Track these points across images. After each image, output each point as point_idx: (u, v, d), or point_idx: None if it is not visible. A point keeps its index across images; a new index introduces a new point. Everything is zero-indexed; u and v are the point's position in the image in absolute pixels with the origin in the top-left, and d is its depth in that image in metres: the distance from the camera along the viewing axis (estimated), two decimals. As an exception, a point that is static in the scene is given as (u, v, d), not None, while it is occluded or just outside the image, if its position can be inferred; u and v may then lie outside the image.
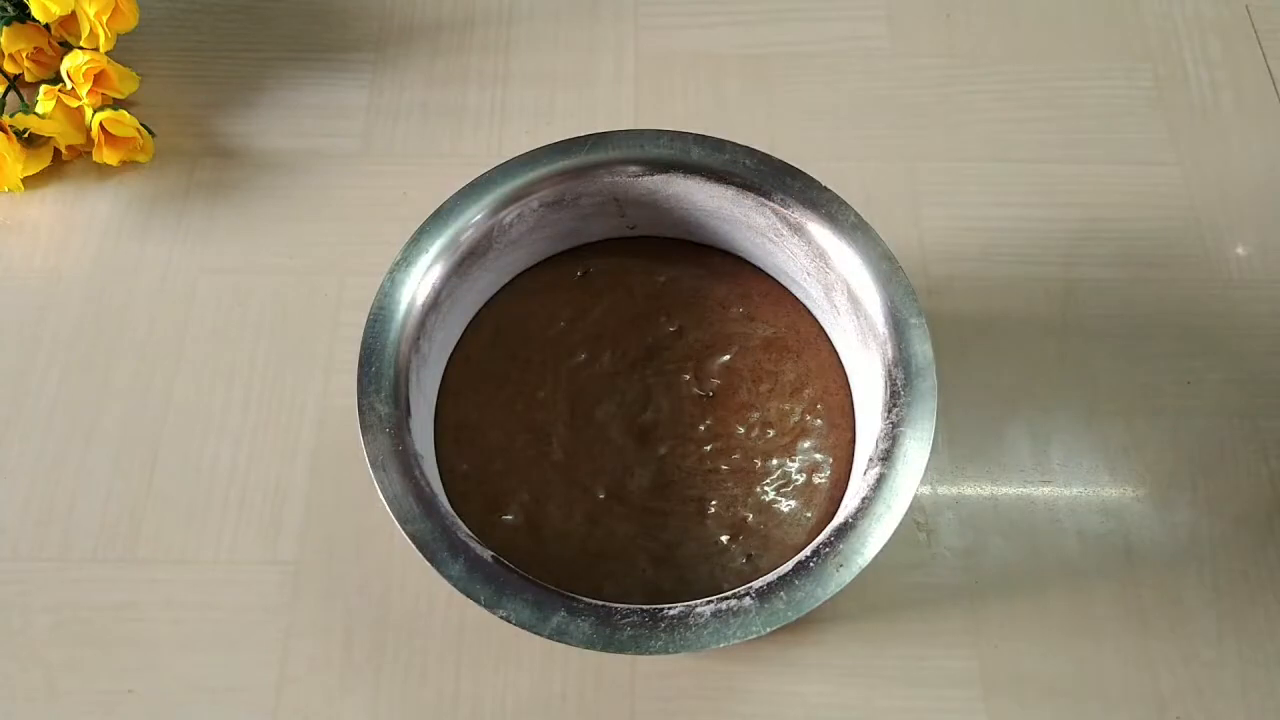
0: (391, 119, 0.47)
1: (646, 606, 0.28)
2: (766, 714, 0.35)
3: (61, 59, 0.44)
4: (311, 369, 0.41)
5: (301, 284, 0.43)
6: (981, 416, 0.40)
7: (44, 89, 0.43)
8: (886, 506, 0.29)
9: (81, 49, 0.44)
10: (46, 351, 0.42)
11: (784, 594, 0.28)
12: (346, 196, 0.45)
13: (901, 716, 0.35)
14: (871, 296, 0.32)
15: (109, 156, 0.44)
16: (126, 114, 0.44)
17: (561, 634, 0.27)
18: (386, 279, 0.32)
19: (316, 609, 0.37)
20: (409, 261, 0.32)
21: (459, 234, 0.33)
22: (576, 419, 0.35)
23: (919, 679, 0.36)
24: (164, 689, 0.36)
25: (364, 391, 0.30)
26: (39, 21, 0.43)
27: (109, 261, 0.44)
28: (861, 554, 0.28)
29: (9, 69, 0.46)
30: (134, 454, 0.39)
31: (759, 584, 0.28)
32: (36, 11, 0.42)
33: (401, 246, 0.33)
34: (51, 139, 0.44)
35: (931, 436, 0.30)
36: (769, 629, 0.27)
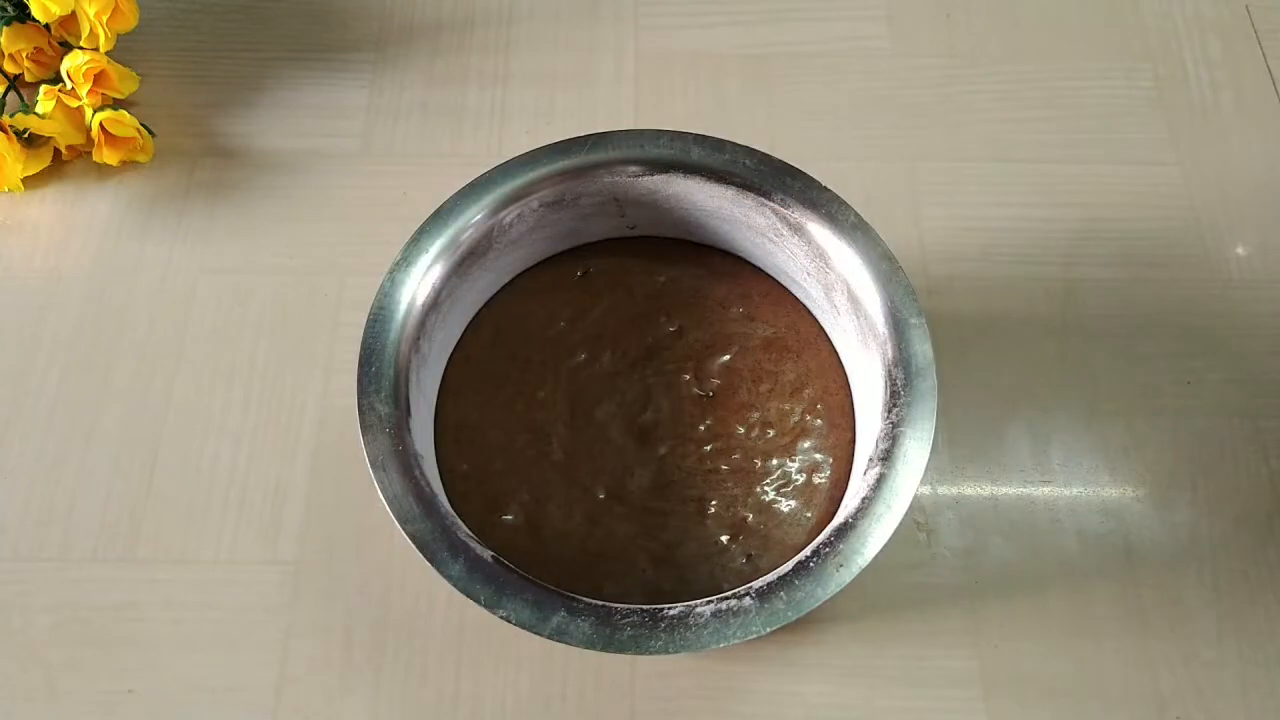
0: (391, 119, 0.47)
1: (646, 606, 0.28)
2: (766, 714, 0.35)
3: (61, 59, 0.44)
4: (311, 369, 0.41)
5: (301, 284, 0.43)
6: (981, 416, 0.40)
7: (44, 89, 0.43)
8: (886, 506, 0.29)
9: (81, 49, 0.44)
10: (46, 351, 0.42)
11: (784, 594, 0.28)
12: (346, 196, 0.45)
13: (901, 716, 0.35)
14: (871, 296, 0.32)
15: (109, 156, 0.44)
16: (126, 114, 0.44)
17: (561, 634, 0.27)
18: (386, 279, 0.32)
19: (316, 609, 0.37)
20: (409, 261, 0.32)
21: (459, 234, 0.33)
22: (576, 419, 0.35)
23: (919, 679, 0.36)
24: (164, 689, 0.36)
25: (364, 391, 0.30)
26: (39, 21, 0.43)
27: (109, 261, 0.44)
28: (861, 554, 0.28)
29: (9, 69, 0.46)
30: (134, 454, 0.39)
31: (759, 584, 0.28)
32: (36, 11, 0.42)
33: (401, 246, 0.33)
34: (51, 139, 0.44)
35: (931, 436, 0.30)
36: (769, 629, 0.27)
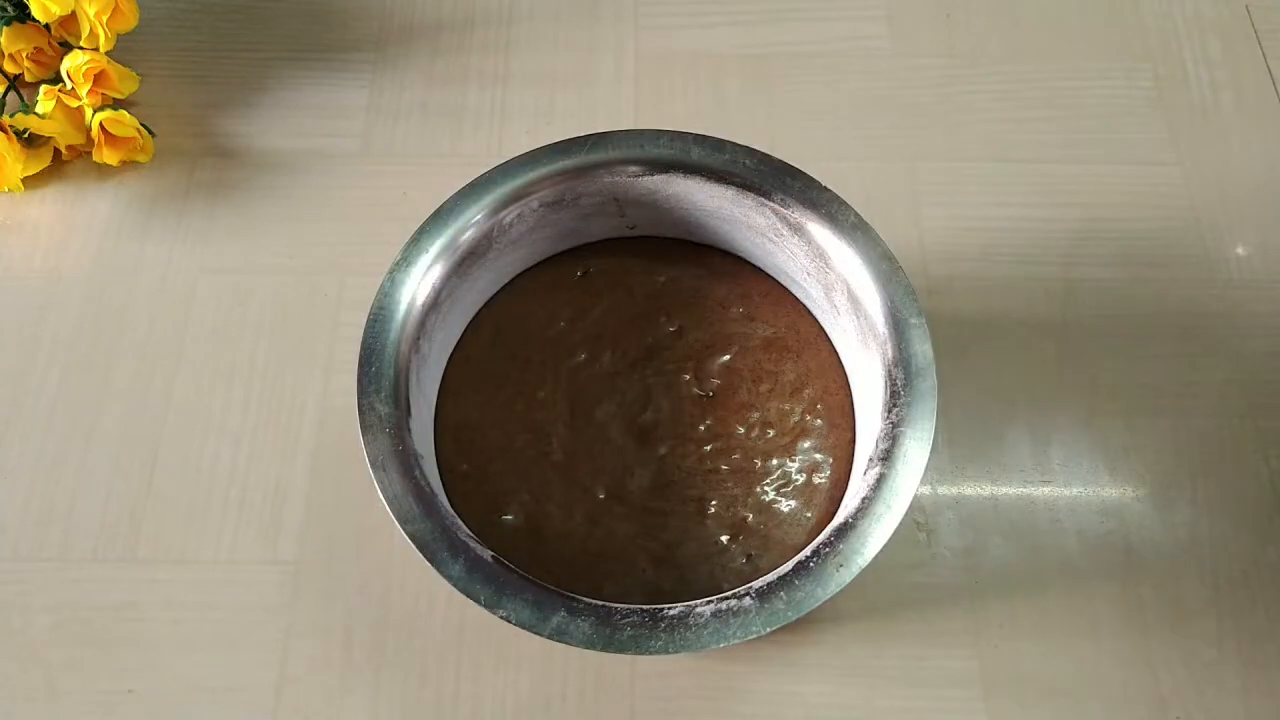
0: (391, 119, 0.47)
1: (646, 606, 0.28)
2: (766, 714, 0.35)
3: (61, 59, 0.44)
4: (311, 369, 0.41)
5: (301, 284, 0.43)
6: (981, 416, 0.40)
7: (44, 89, 0.43)
8: (886, 506, 0.29)
9: (81, 49, 0.44)
10: (46, 351, 0.42)
11: (784, 594, 0.28)
12: (346, 196, 0.45)
13: (901, 716, 0.35)
14: (871, 296, 0.32)
15: (109, 156, 0.44)
16: (126, 114, 0.44)
17: (561, 634, 0.27)
18: (386, 279, 0.32)
19: (316, 609, 0.37)
20: (409, 261, 0.32)
21: (459, 234, 0.33)
22: (576, 419, 0.35)
23: (919, 679, 0.36)
24: (164, 689, 0.36)
25: (364, 391, 0.30)
26: (39, 21, 0.43)
27: (109, 261, 0.44)
28: (861, 554, 0.28)
29: (9, 69, 0.46)
30: (134, 454, 0.39)
31: (759, 584, 0.28)
32: (36, 11, 0.42)
33: (401, 246, 0.33)
34: (51, 139, 0.44)
35: (931, 436, 0.30)
36: (769, 629, 0.27)
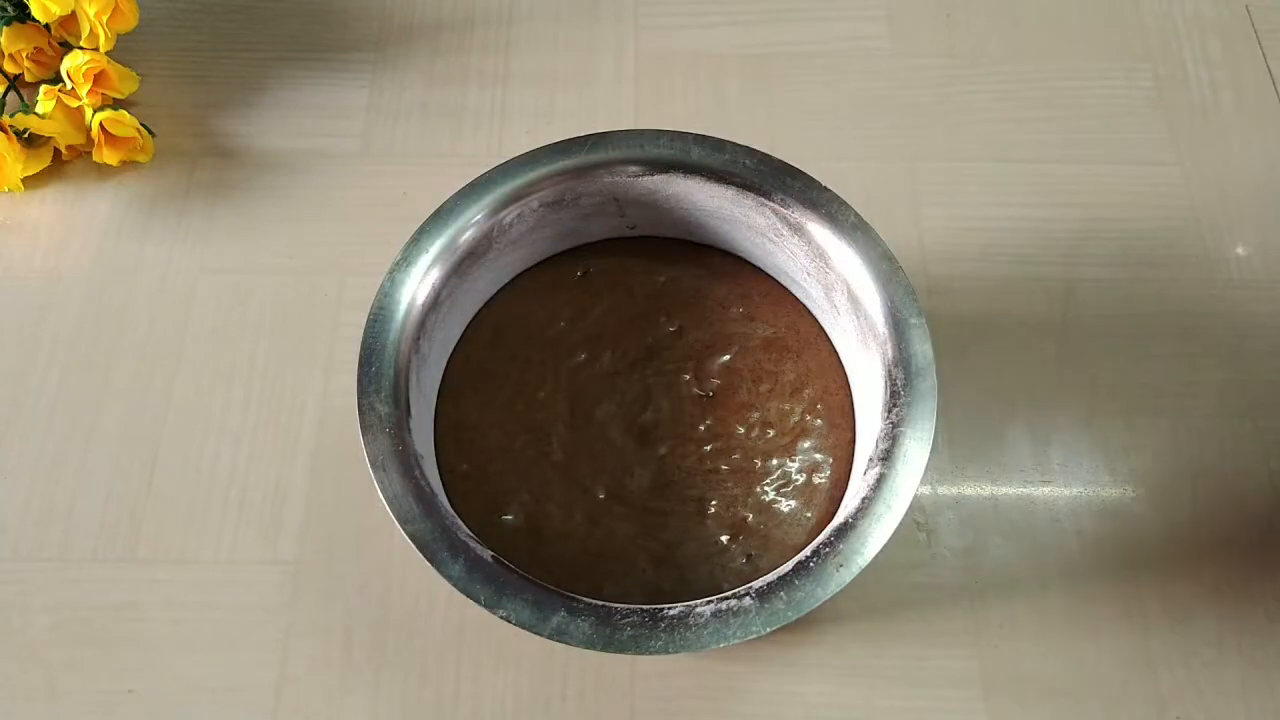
0: (391, 119, 0.47)
1: (646, 606, 0.28)
2: (766, 714, 0.35)
3: (61, 59, 0.44)
4: (311, 369, 0.41)
5: (301, 284, 0.43)
6: (981, 416, 0.40)
7: (44, 89, 0.43)
8: (886, 506, 0.29)
9: (81, 49, 0.44)
10: (46, 351, 0.42)
11: (784, 594, 0.28)
12: (346, 196, 0.45)
13: (901, 716, 0.35)
14: (871, 296, 0.32)
15: (109, 156, 0.44)
16: (126, 114, 0.44)
17: (561, 634, 0.27)
18: (386, 279, 0.32)
19: (316, 609, 0.37)
20: (409, 261, 0.32)
21: (459, 234, 0.33)
22: (576, 419, 0.35)
23: (919, 679, 0.36)
24: (164, 689, 0.36)
25: (364, 391, 0.30)
26: (39, 21, 0.43)
27: (109, 261, 0.44)
28: (861, 554, 0.28)
29: (9, 69, 0.46)
30: (134, 454, 0.39)
31: (759, 584, 0.28)
32: (36, 11, 0.42)
33: (401, 246, 0.33)
34: (51, 139, 0.44)
35: (931, 436, 0.30)
36: (769, 629, 0.27)
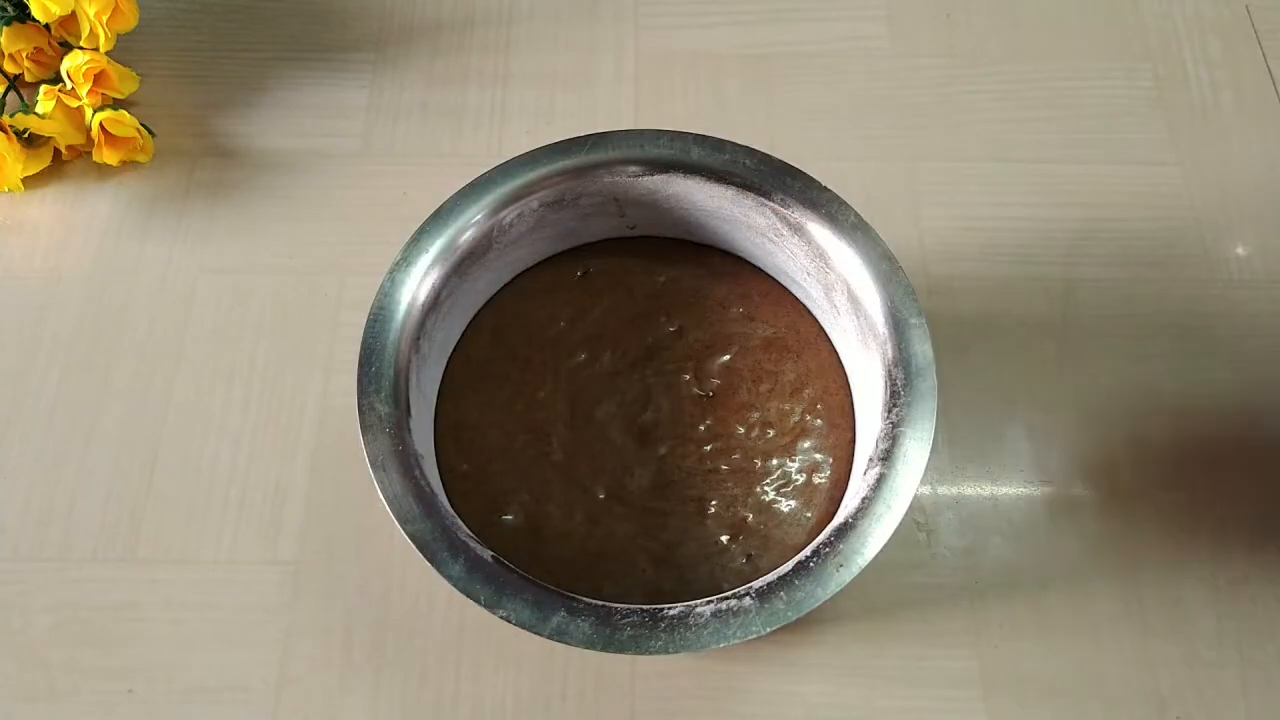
0: (391, 119, 0.47)
1: (646, 606, 0.28)
2: (766, 714, 0.35)
3: (61, 59, 0.44)
4: (311, 369, 0.41)
5: (301, 284, 0.43)
6: (981, 416, 0.40)
7: (44, 89, 0.43)
8: (886, 506, 0.29)
9: (81, 49, 0.44)
10: (46, 351, 0.42)
11: (784, 594, 0.28)
12: (346, 196, 0.45)
13: (901, 716, 0.35)
14: (871, 296, 0.32)
15: (109, 156, 0.44)
16: (126, 114, 0.44)
17: (561, 634, 0.27)
18: (386, 279, 0.32)
19: (316, 609, 0.37)
20: (409, 261, 0.32)
21: (459, 234, 0.33)
22: (576, 419, 0.35)
23: (919, 679, 0.36)
24: (164, 689, 0.36)
25: (364, 391, 0.30)
26: (39, 21, 0.43)
27: (109, 261, 0.44)
28: (861, 554, 0.28)
29: (9, 69, 0.46)
30: (134, 454, 0.39)
31: (759, 584, 0.28)
32: (36, 11, 0.42)
33: (401, 246, 0.33)
34: (51, 139, 0.44)
35: (931, 436, 0.30)
36: (769, 629, 0.27)
